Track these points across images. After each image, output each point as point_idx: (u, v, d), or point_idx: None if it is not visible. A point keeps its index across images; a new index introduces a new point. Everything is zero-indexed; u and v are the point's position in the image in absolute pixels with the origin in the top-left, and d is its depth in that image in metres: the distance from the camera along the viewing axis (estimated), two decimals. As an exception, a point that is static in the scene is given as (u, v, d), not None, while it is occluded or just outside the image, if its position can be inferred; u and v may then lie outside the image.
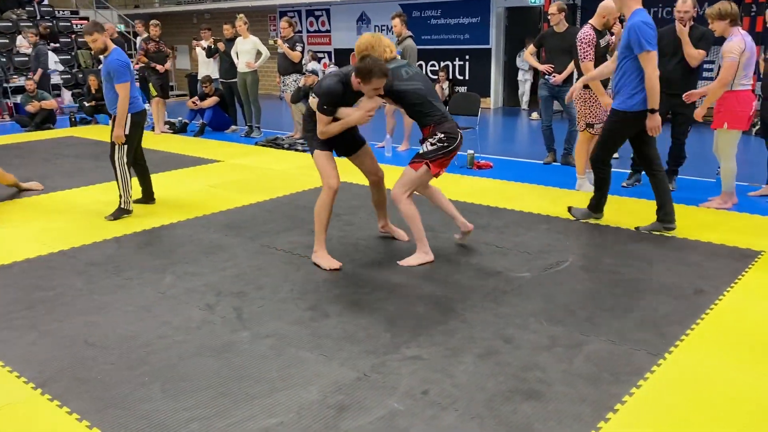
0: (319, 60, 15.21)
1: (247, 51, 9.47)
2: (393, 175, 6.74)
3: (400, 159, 7.85)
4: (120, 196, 5.34)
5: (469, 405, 2.59)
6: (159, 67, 10.10)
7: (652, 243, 4.50)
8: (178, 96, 15.83)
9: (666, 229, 4.71)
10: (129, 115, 5.21)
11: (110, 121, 5.35)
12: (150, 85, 10.23)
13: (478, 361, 2.93)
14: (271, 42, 9.42)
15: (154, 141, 9.47)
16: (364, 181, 6.49)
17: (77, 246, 4.66)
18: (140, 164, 5.67)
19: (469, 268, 4.08)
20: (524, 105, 12.68)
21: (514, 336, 3.17)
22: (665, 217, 4.71)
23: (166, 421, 2.51)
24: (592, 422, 2.47)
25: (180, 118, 10.72)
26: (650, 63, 4.41)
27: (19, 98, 11.28)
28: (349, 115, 3.99)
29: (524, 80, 12.52)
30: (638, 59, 4.44)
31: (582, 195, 5.72)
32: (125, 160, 5.28)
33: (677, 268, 4.01)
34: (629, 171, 6.28)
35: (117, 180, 5.30)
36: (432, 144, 4.04)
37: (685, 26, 5.51)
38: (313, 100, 4.04)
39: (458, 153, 7.34)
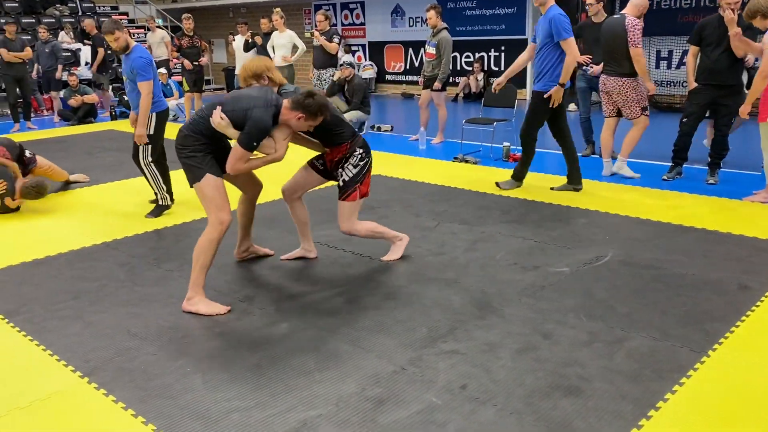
0: (353, 53, 15.23)
1: (283, 45, 9.52)
2: (427, 168, 6.75)
3: (434, 152, 7.82)
4: (156, 194, 5.36)
5: (508, 400, 2.58)
6: (186, 63, 10.19)
7: (695, 237, 4.40)
8: (215, 90, 16.02)
9: (574, 189, 5.66)
10: (153, 114, 5.14)
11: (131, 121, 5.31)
12: (183, 79, 10.39)
13: (516, 357, 2.91)
14: (307, 34, 9.46)
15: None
16: (396, 173, 6.52)
17: (119, 238, 4.77)
18: (161, 163, 5.48)
19: (506, 262, 4.06)
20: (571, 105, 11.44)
21: (553, 331, 3.14)
22: (573, 180, 5.68)
23: (208, 411, 2.56)
24: (633, 420, 2.43)
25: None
26: (570, 48, 5.23)
27: (62, 93, 11.55)
28: (273, 148, 3.51)
29: None
30: (557, 46, 5.24)
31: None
32: (150, 159, 5.23)
33: (721, 263, 3.92)
34: (670, 164, 6.15)
35: (148, 180, 5.31)
36: (354, 165, 3.82)
37: (734, 14, 5.37)
38: (233, 132, 3.43)
39: (493, 145, 7.40)
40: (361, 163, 3.84)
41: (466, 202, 5.44)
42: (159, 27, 12.13)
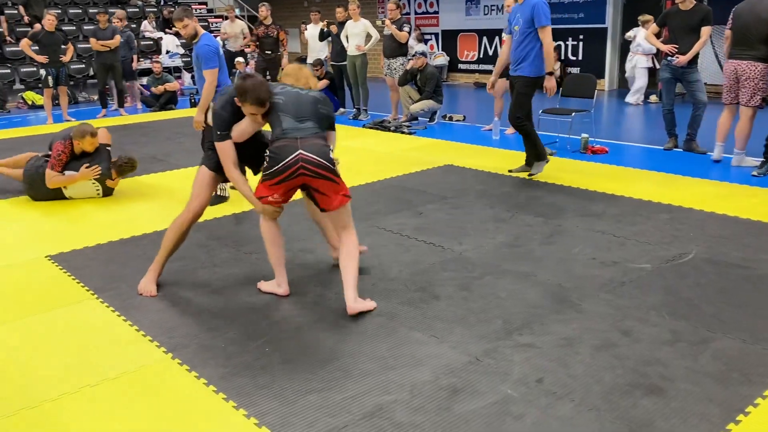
0: (425, 42, 15.15)
1: (357, 34, 9.57)
2: (501, 159, 6.66)
3: (507, 142, 7.70)
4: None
5: (586, 396, 2.52)
6: (248, 49, 10.28)
7: (788, 237, 4.17)
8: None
9: (525, 171, 5.95)
10: None
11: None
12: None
13: (594, 353, 2.84)
14: (378, 23, 9.47)
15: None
16: (468, 163, 6.45)
17: (200, 221, 4.92)
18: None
19: (584, 256, 3.96)
20: (630, 96, 10.71)
21: (633, 329, 3.05)
22: (529, 160, 5.93)
23: (286, 391, 2.62)
24: (720, 423, 2.34)
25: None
26: (547, 35, 5.47)
27: (145, 80, 12.01)
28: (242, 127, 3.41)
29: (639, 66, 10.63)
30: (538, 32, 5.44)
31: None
32: None
33: (817, 265, 3.70)
34: (761, 159, 5.83)
35: None
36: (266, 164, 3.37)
37: None
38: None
39: (570, 137, 7.21)
40: (266, 164, 3.32)
41: (542, 195, 5.34)
42: (238, 17, 12.37)
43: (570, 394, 2.54)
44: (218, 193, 5.42)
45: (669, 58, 6.63)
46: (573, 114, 7.22)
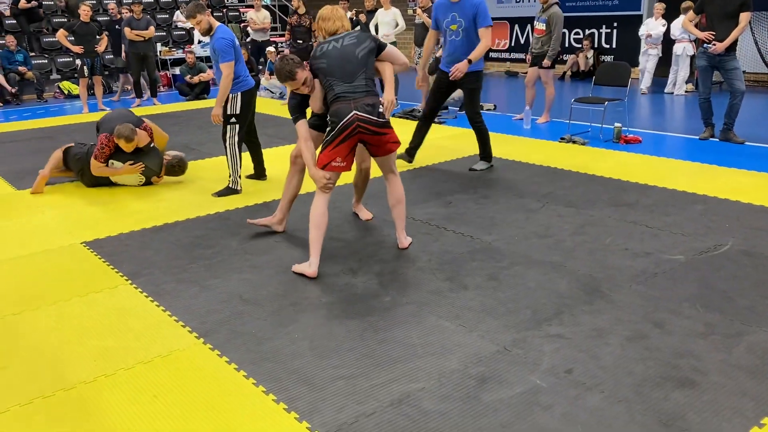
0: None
1: (387, 23, 9.53)
2: (532, 148, 6.59)
3: (538, 132, 7.62)
4: (229, 175, 5.37)
5: (616, 388, 2.50)
6: (281, 38, 10.26)
7: (828, 229, 4.06)
8: (318, 67, 16.29)
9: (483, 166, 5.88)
10: (238, 93, 5.12)
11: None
12: None
13: (625, 344, 2.81)
14: (409, 12, 9.42)
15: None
16: (499, 152, 6.40)
17: (231, 209, 4.99)
18: (252, 141, 5.65)
19: (616, 247, 3.91)
20: (678, 87, 10.22)
21: (666, 321, 3.00)
22: (485, 156, 5.91)
23: (314, 377, 2.65)
24: (755, 418, 2.30)
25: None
26: (488, 36, 5.41)
27: (178, 70, 12.15)
28: None
29: (683, 55, 10.10)
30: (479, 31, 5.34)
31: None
32: (236, 140, 5.21)
33: None
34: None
35: (227, 159, 5.31)
36: (327, 133, 3.71)
37: None
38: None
39: (603, 126, 7.09)
40: (327, 128, 3.70)
41: (574, 185, 5.28)
42: (265, 7, 12.41)
43: (599, 385, 2.52)
44: (230, 186, 5.39)
45: (705, 45, 6.47)
46: (606, 103, 7.10)
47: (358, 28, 10.71)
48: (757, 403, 2.38)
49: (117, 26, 11.29)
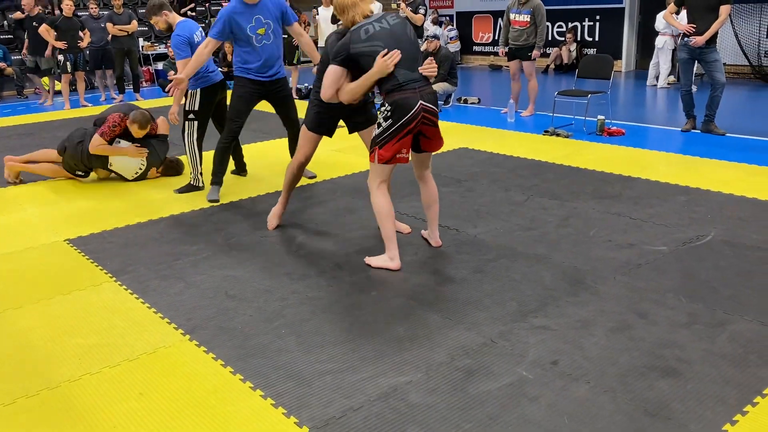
0: (440, 24, 15.02)
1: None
2: (516, 141, 6.62)
3: (523, 125, 7.65)
4: (190, 172, 5.33)
5: (601, 378, 2.52)
6: None
7: (808, 219, 4.12)
8: (304, 62, 16.23)
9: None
10: (198, 90, 5.03)
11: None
12: None
13: (610, 335, 2.84)
14: (393, 6, 9.41)
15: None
16: (483, 146, 6.42)
17: (216, 205, 4.96)
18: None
19: (600, 239, 3.93)
20: (661, 81, 10.21)
21: (650, 311, 3.03)
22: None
23: (302, 372, 2.64)
24: (737, 405, 2.33)
25: (306, 84, 11.02)
26: (304, 32, 5.19)
27: (160, 65, 12.04)
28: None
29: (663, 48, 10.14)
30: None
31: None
32: (195, 137, 5.15)
33: (838, 247, 3.66)
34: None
35: (187, 156, 5.28)
36: (379, 125, 3.44)
37: None
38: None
39: (586, 119, 7.14)
40: (384, 124, 3.41)
41: (558, 177, 5.31)
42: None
43: (585, 376, 2.54)
44: (192, 182, 5.35)
45: (686, 38, 6.52)
46: (589, 96, 7.14)
47: (341, 22, 10.59)
48: (740, 391, 2.41)
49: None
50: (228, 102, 5.50)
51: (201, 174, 5.32)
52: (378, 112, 3.49)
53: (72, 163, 5.57)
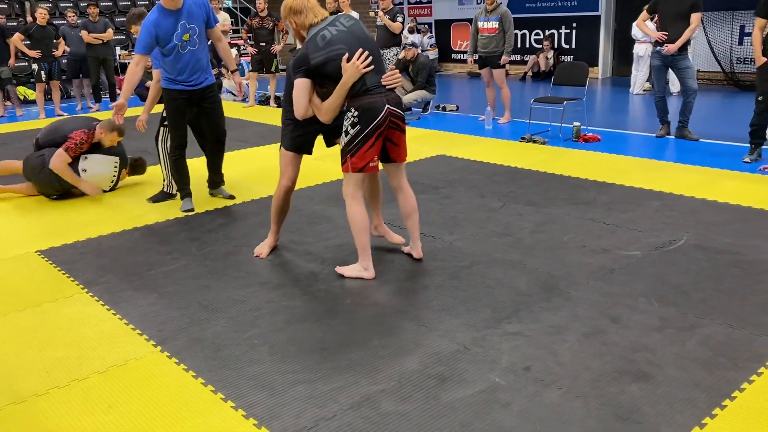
0: (419, 31, 15.09)
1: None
2: (493, 148, 6.65)
3: (500, 132, 7.70)
4: (163, 179, 5.28)
5: (574, 384, 2.53)
6: (250, 49, 10.32)
7: (778, 222, 4.18)
8: (282, 70, 16.21)
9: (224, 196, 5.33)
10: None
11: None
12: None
13: (583, 340, 2.85)
14: (371, 14, 9.44)
15: (259, 114, 9.80)
16: (461, 153, 6.44)
17: (191, 214, 4.92)
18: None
19: (574, 244, 3.96)
20: (637, 87, 10.32)
21: (622, 316, 3.05)
22: (213, 184, 5.38)
23: (274, 382, 2.62)
24: (706, 408, 2.34)
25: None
26: (223, 37, 5.04)
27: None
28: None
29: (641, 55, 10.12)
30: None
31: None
32: (169, 143, 5.04)
33: (806, 250, 3.71)
34: (750, 145, 5.84)
35: (160, 163, 5.23)
36: (346, 133, 3.36)
37: None
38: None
39: (562, 125, 7.20)
40: (352, 130, 3.33)
41: (534, 183, 5.34)
42: (226, 9, 12.32)
43: (557, 381, 2.55)
44: (165, 190, 5.30)
45: (659, 47, 6.61)
46: (564, 102, 7.20)
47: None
48: (709, 395, 2.43)
49: None
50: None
51: (174, 181, 5.24)
52: (344, 119, 3.42)
53: (46, 191, 5.44)
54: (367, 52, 3.28)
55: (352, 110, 3.33)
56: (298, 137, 3.76)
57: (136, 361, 2.84)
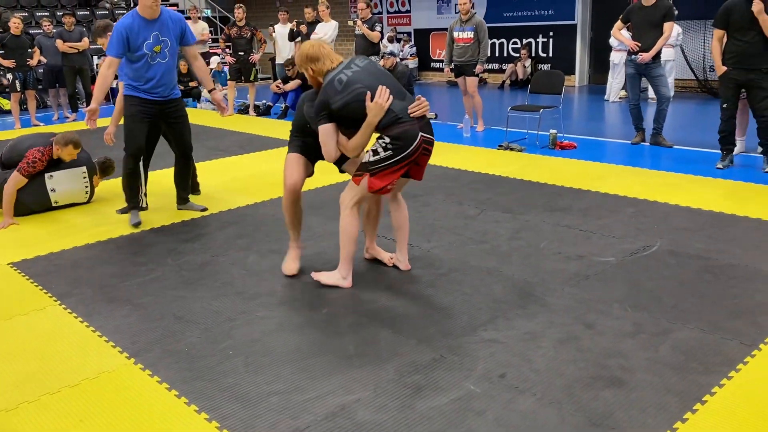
0: (398, 40, 15.16)
1: (327, 34, 9.56)
2: (471, 156, 6.69)
3: (479, 140, 7.74)
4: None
5: (548, 390, 2.54)
6: (229, 58, 10.32)
7: (748, 227, 4.24)
8: (262, 79, 16.19)
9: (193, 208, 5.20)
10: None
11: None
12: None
13: (557, 346, 2.87)
14: (350, 23, 9.47)
15: (238, 123, 9.76)
16: (439, 161, 6.47)
17: (167, 224, 4.88)
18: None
19: (550, 251, 3.99)
20: (613, 95, 10.49)
21: (596, 322, 3.08)
22: (181, 200, 5.22)
23: (248, 394, 2.60)
24: (678, 413, 2.37)
25: (264, 101, 10.98)
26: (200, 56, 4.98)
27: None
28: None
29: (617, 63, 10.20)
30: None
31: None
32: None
33: (776, 255, 3.78)
34: (721, 152, 5.93)
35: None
36: (374, 153, 3.31)
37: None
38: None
39: (539, 133, 7.27)
40: (383, 153, 3.29)
41: (511, 191, 5.37)
42: (206, 18, 12.32)
43: (532, 388, 2.56)
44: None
45: (633, 56, 6.70)
46: (541, 110, 7.27)
47: (299, 39, 10.64)
48: (681, 399, 2.45)
49: None
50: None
51: (145, 194, 5.19)
52: (375, 141, 3.35)
53: (26, 210, 5.34)
54: (386, 88, 3.26)
55: (385, 138, 3.29)
56: (304, 143, 3.69)
57: (108, 374, 2.80)
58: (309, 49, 3.42)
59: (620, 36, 6.98)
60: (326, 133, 3.34)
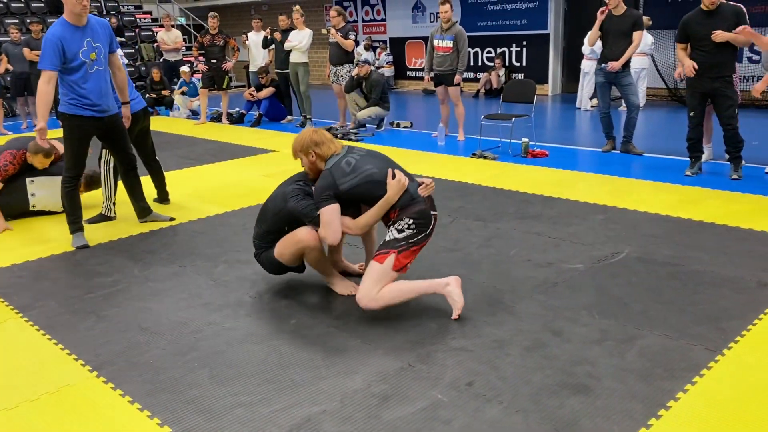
0: (374, 49, 15.20)
1: (301, 42, 9.55)
2: (444, 164, 6.71)
3: (453, 148, 7.77)
4: (103, 201, 5.15)
5: (514, 398, 2.54)
6: (201, 66, 10.30)
7: (715, 234, 4.30)
8: (236, 87, 16.11)
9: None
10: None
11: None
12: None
13: (525, 354, 2.87)
14: (324, 31, 9.48)
15: (211, 132, 9.69)
16: (413, 169, 6.47)
17: (135, 234, 4.81)
18: (150, 164, 5.47)
19: (520, 258, 4.00)
20: (585, 103, 10.64)
21: (564, 329, 3.09)
22: (142, 212, 5.08)
23: (213, 406, 2.56)
24: (642, 419, 2.38)
25: (237, 109, 10.92)
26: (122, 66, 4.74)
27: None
28: None
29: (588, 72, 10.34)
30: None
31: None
32: (111, 165, 5.00)
33: (740, 260, 3.83)
34: (689, 159, 6.02)
35: (102, 184, 5.12)
36: (399, 231, 3.27)
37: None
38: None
39: (512, 141, 7.32)
40: (408, 231, 3.26)
41: (483, 198, 5.39)
42: (179, 26, 12.25)
43: (499, 396, 2.56)
44: (103, 212, 5.16)
45: (603, 64, 6.79)
46: (513, 119, 7.32)
47: (273, 46, 10.60)
48: (645, 405, 2.47)
49: None
50: (148, 129, 5.40)
51: (114, 204, 5.15)
52: (398, 223, 3.29)
53: (9, 214, 5.24)
54: (396, 170, 3.32)
55: (405, 219, 3.27)
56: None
57: (69, 388, 2.74)
58: (312, 134, 3.38)
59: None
60: (332, 212, 3.26)
